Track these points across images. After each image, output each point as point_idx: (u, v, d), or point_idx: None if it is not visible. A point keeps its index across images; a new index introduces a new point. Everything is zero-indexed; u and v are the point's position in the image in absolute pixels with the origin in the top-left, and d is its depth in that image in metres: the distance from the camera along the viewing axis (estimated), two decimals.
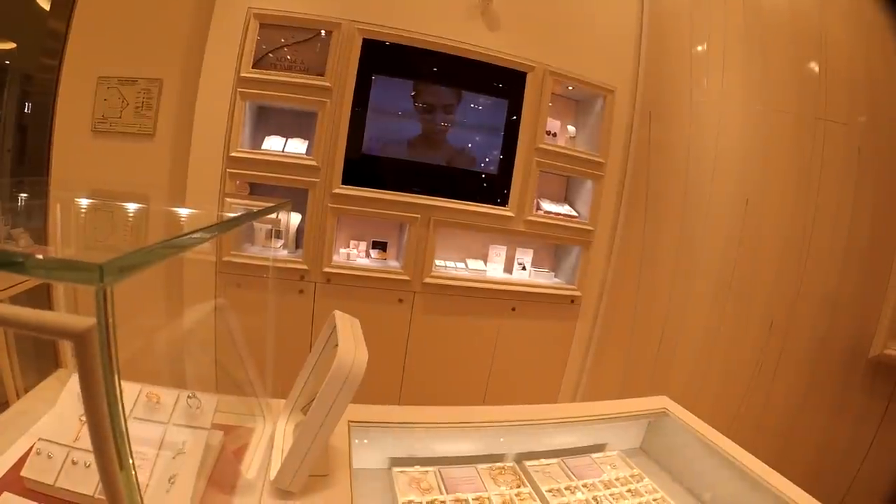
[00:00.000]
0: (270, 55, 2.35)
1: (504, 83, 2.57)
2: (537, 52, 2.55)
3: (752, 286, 2.89)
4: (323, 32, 2.31)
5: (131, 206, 1.26)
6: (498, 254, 2.66)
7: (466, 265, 2.67)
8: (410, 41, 2.39)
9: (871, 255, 2.87)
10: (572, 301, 2.75)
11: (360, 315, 2.31)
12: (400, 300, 2.50)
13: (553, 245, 2.93)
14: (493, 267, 2.67)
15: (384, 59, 2.40)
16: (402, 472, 1.12)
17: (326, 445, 0.97)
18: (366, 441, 1.15)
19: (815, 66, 2.81)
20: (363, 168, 2.43)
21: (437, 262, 2.61)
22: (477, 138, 2.61)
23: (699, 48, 2.82)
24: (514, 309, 2.64)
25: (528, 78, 2.54)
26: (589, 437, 1.40)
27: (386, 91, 2.45)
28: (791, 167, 2.83)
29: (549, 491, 1.14)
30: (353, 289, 2.44)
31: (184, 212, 1.38)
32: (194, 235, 0.61)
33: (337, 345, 0.97)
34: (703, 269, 2.89)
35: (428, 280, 2.49)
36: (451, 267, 2.63)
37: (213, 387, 1.11)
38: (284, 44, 2.34)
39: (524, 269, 2.72)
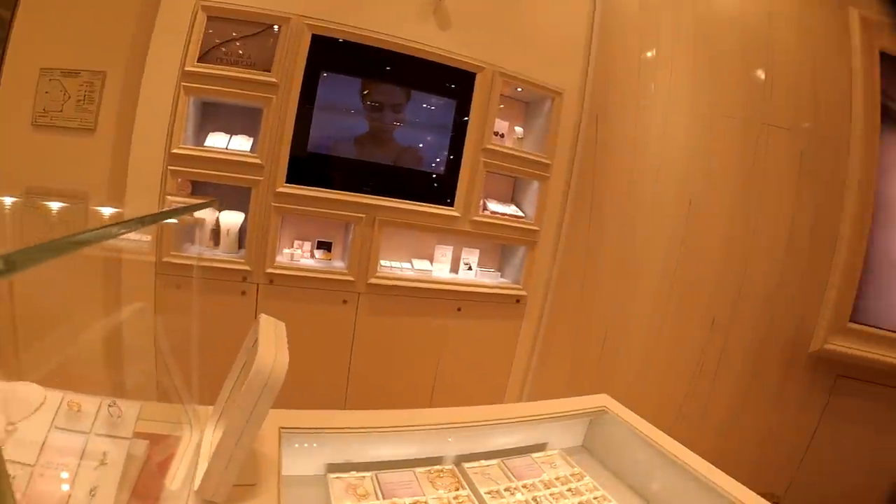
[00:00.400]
0: (218, 49, 2.40)
1: (453, 83, 2.71)
2: (487, 53, 2.70)
3: (695, 285, 3.13)
4: (277, 28, 2.38)
5: (63, 205, 1.31)
6: (444, 254, 2.80)
7: (412, 265, 2.80)
8: (360, 38, 2.49)
9: (811, 254, 3.14)
10: (518, 301, 2.93)
11: (304, 317, 2.50)
12: (344, 301, 2.61)
13: (499, 245, 3.09)
14: (439, 267, 2.81)
15: (333, 55, 2.49)
16: (337, 478, 1.15)
17: (250, 453, 0.99)
18: (301, 447, 1.18)
19: (761, 73, 3.07)
20: (308, 166, 2.51)
21: (383, 262, 2.73)
22: (425, 138, 2.75)
23: (648, 53, 3.04)
24: (459, 309, 2.79)
25: (478, 78, 2.69)
26: (530, 437, 1.49)
27: (334, 88, 2.55)
28: (735, 170, 3.08)
29: (489, 493, 1.20)
30: (297, 290, 2.52)
31: (108, 211, 1.49)
32: (85, 235, 0.62)
33: None
34: (646, 268, 3.12)
35: (373, 280, 2.60)
36: (397, 267, 2.75)
37: (138, 394, 1.11)
38: (232, 38, 2.40)
39: (470, 269, 2.87)
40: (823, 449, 3.33)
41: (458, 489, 1.19)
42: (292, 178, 2.46)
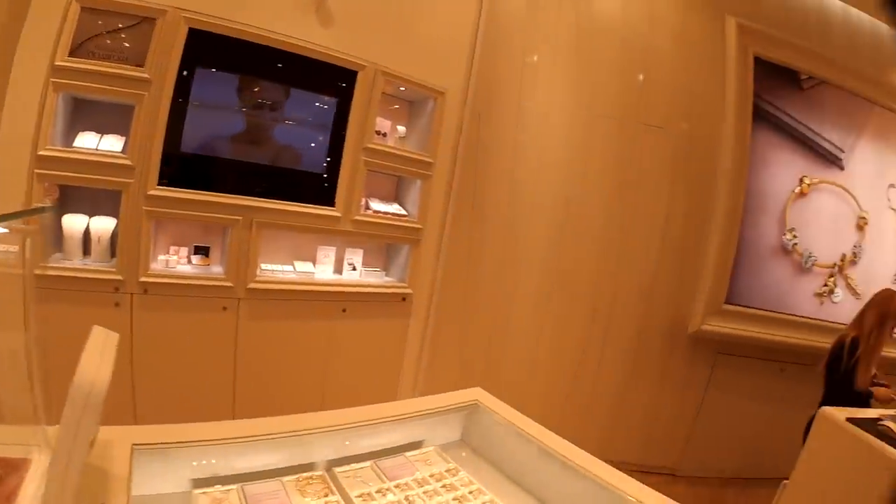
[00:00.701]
0: (90, 42, 2.30)
1: (334, 81, 2.75)
2: (370, 51, 2.76)
3: (575, 278, 3.39)
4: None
5: None
6: (327, 255, 2.86)
7: (294, 268, 2.84)
8: (239, 34, 2.45)
9: (686, 243, 3.49)
10: (403, 299, 3.06)
11: (183, 327, 2.51)
12: (224, 308, 2.60)
13: (384, 244, 3.21)
14: (322, 268, 2.87)
15: (210, 51, 2.44)
16: (202, 493, 1.13)
17: (80, 475, 0.93)
18: (161, 464, 1.15)
19: (640, 76, 3.34)
20: (182, 167, 2.46)
21: (263, 265, 2.76)
22: (304, 137, 2.79)
23: (531, 56, 3.22)
24: (344, 310, 2.87)
25: (359, 77, 2.74)
26: (405, 436, 1.51)
27: (210, 85, 2.51)
28: (612, 167, 3.35)
29: (360, 496, 1.20)
30: (174, 298, 2.48)
31: None
32: None
33: None
34: (528, 263, 3.35)
35: (252, 285, 2.62)
36: (278, 270, 2.79)
37: None
38: (106, 31, 2.31)
39: (354, 269, 2.96)
40: (710, 420, 3.75)
41: (327, 495, 1.19)
42: (165, 180, 2.40)
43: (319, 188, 2.79)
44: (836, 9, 3.87)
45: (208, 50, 2.45)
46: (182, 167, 2.49)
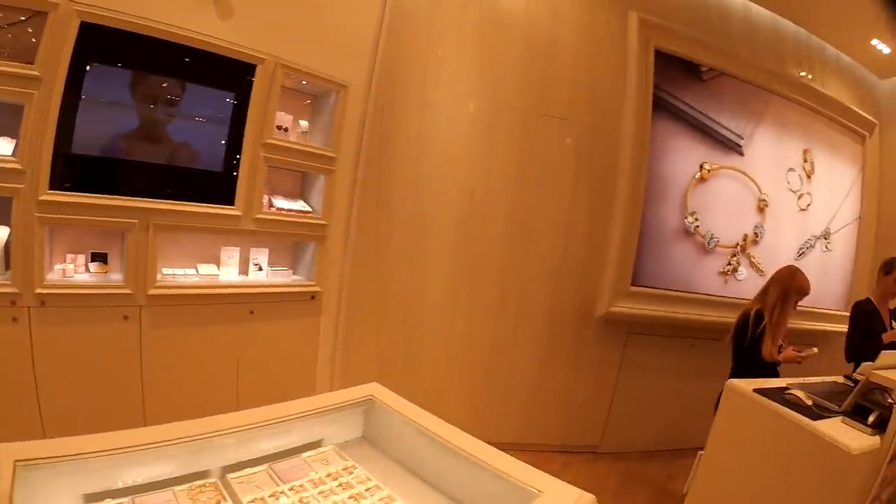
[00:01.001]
0: None
1: (233, 75, 2.77)
2: (270, 44, 2.81)
3: (484, 268, 3.61)
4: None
5: None
6: (231, 256, 2.91)
7: (197, 271, 2.87)
8: (134, 27, 2.44)
9: (590, 231, 3.76)
10: (313, 297, 3.16)
11: (84, 339, 2.48)
12: (125, 317, 2.59)
13: (291, 242, 3.30)
14: (226, 270, 2.92)
15: (103, 45, 2.42)
16: None
17: None
18: (50, 480, 1.15)
19: (543, 68, 3.56)
20: (74, 170, 2.44)
21: (165, 270, 2.76)
22: (202, 133, 2.80)
23: (436, 48, 3.38)
24: (252, 312, 2.94)
25: (258, 70, 2.79)
26: (302, 437, 1.53)
27: (103, 82, 2.48)
28: (516, 158, 3.57)
29: (252, 501, 1.22)
30: (73, 310, 2.45)
31: None
32: None
33: None
34: (436, 255, 3.53)
35: (153, 291, 2.62)
36: (181, 274, 2.80)
37: None
38: None
39: (261, 269, 3.03)
40: (626, 397, 4.08)
41: (219, 502, 1.20)
42: (57, 183, 2.37)
43: (219, 187, 2.82)
44: (737, 5, 4.22)
45: (101, 45, 2.43)
46: (75, 169, 2.47)
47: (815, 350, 3.03)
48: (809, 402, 2.25)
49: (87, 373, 2.55)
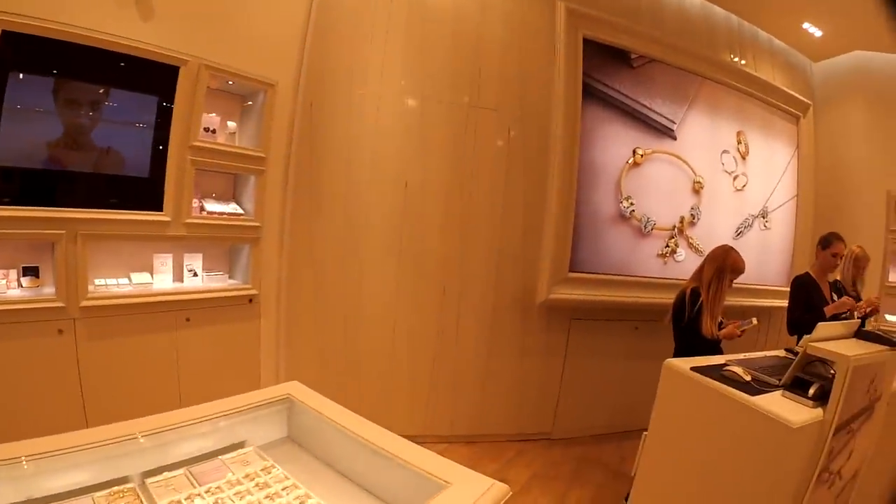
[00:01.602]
0: None
1: (156, 78, 2.81)
2: (193, 45, 2.86)
3: (422, 261, 3.72)
4: None
5: None
6: (164, 263, 2.96)
7: (130, 280, 2.91)
8: (54, 33, 2.47)
9: (526, 219, 3.91)
10: (251, 300, 3.25)
11: (18, 355, 2.50)
12: (60, 331, 2.62)
13: (226, 246, 3.36)
14: (160, 278, 2.97)
15: (24, 53, 2.44)
16: None
17: None
18: None
19: (471, 60, 3.70)
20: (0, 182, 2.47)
21: (97, 281, 2.81)
22: (127, 139, 2.83)
23: (364, 44, 3.48)
24: (188, 319, 3.00)
25: (181, 72, 2.84)
26: (224, 438, 1.57)
27: (25, 90, 2.51)
28: (448, 150, 3.70)
29: None
30: (5, 326, 2.47)
31: None
32: None
33: None
34: (373, 251, 3.63)
35: (86, 303, 2.66)
36: (113, 284, 2.84)
37: None
38: None
39: (195, 275, 3.08)
40: (574, 382, 4.24)
41: None
42: None
43: (147, 192, 2.88)
44: None
45: (22, 53, 2.47)
46: (0, 182, 2.51)
47: (755, 321, 3.12)
48: (748, 378, 2.23)
49: (24, 388, 2.58)
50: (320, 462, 1.62)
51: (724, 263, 3.16)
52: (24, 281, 2.68)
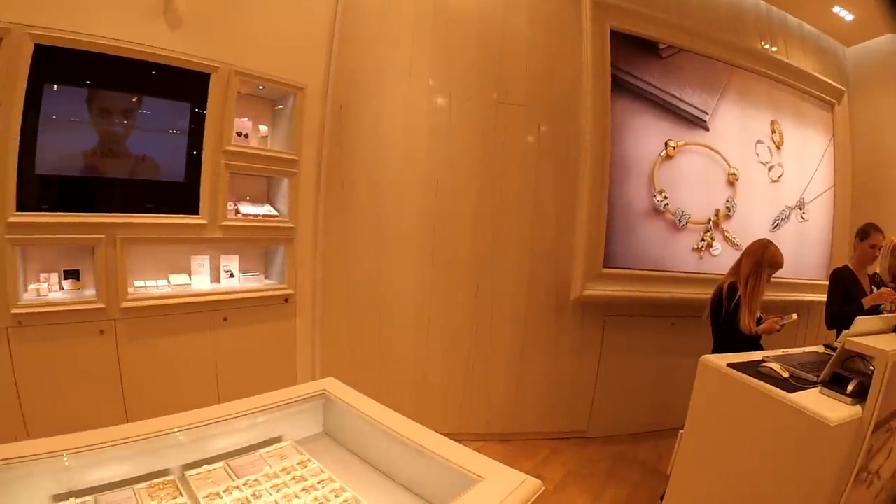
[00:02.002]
0: None
1: (188, 85, 2.91)
2: (222, 52, 2.95)
3: (455, 259, 3.75)
4: None
5: None
6: (201, 264, 3.05)
7: (169, 281, 3.00)
8: (87, 45, 2.58)
9: (558, 215, 3.91)
10: (286, 300, 3.31)
11: (62, 355, 2.64)
12: (101, 331, 2.74)
13: (262, 247, 3.43)
14: (198, 279, 3.05)
15: (58, 65, 2.56)
16: None
17: None
18: (19, 482, 1.24)
19: (499, 58, 3.72)
20: (40, 190, 2.59)
21: (137, 283, 2.91)
22: (161, 145, 2.93)
23: (391, 44, 3.53)
24: (226, 319, 3.08)
25: (212, 79, 2.93)
26: (262, 433, 1.63)
27: (61, 101, 2.61)
28: (477, 147, 3.72)
29: (207, 496, 1.31)
30: (49, 328, 2.59)
31: None
32: None
33: None
34: (406, 249, 3.67)
35: (125, 304, 2.77)
36: (152, 286, 2.94)
37: None
38: None
39: (232, 275, 3.16)
40: (610, 380, 4.20)
41: (175, 498, 1.30)
42: (24, 204, 2.52)
43: (183, 197, 2.96)
44: None
45: (56, 65, 2.57)
46: (40, 189, 2.62)
47: (795, 316, 3.08)
48: (786, 374, 2.23)
49: (68, 387, 2.68)
50: (355, 456, 1.66)
51: (762, 258, 3.13)
52: (66, 284, 2.80)
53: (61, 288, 2.80)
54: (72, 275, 2.84)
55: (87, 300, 2.74)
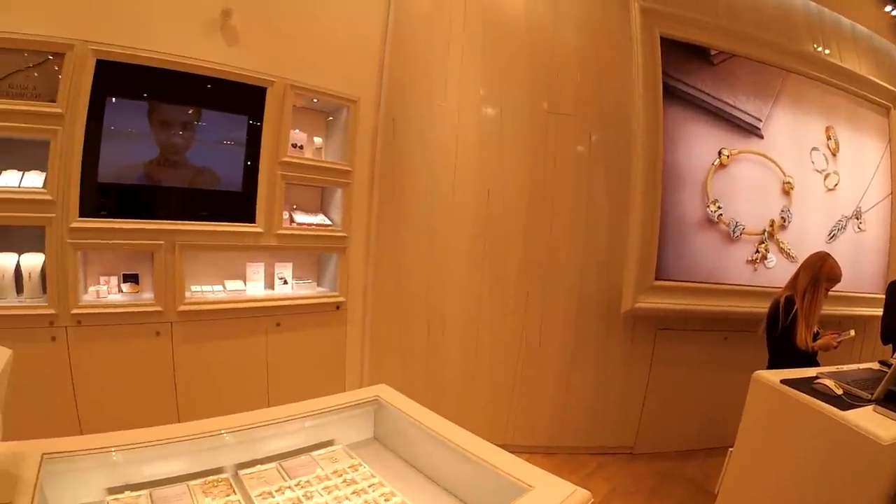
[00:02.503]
0: (2, 82, 2.47)
1: (245, 98, 3.01)
2: (278, 66, 3.04)
3: (505, 268, 3.75)
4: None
5: None
6: (256, 271, 3.13)
7: (224, 287, 3.10)
8: (146, 61, 2.71)
9: (610, 226, 3.87)
10: (338, 307, 3.36)
11: (119, 354, 2.77)
12: (158, 333, 2.85)
13: (316, 255, 3.50)
14: (253, 285, 3.14)
15: (119, 80, 2.69)
16: (114, 500, 1.28)
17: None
18: (75, 475, 1.29)
19: (549, 68, 3.73)
20: (101, 197, 2.72)
21: (194, 287, 3.01)
22: (220, 156, 3.04)
23: (441, 55, 3.58)
24: (278, 324, 3.15)
25: (269, 92, 3.02)
26: (314, 436, 1.68)
27: (122, 114, 2.76)
28: (529, 158, 3.73)
29: (260, 495, 1.35)
30: (107, 328, 2.72)
31: None
32: None
33: None
34: (456, 259, 3.69)
35: (183, 308, 2.87)
36: (209, 291, 3.04)
37: None
38: (17, 69, 2.51)
39: (286, 283, 3.23)
40: (659, 395, 4.12)
41: (229, 495, 1.34)
42: (86, 211, 2.65)
43: (239, 206, 3.05)
44: None
45: (117, 79, 2.70)
46: (102, 197, 2.75)
47: (853, 333, 3.01)
48: (839, 392, 2.21)
49: (123, 387, 2.79)
50: (405, 462, 1.69)
51: (819, 271, 3.09)
52: (125, 287, 2.94)
53: (120, 291, 2.92)
54: (131, 278, 2.96)
55: (145, 303, 2.85)
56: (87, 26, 2.59)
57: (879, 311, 3.89)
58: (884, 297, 3.58)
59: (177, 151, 2.97)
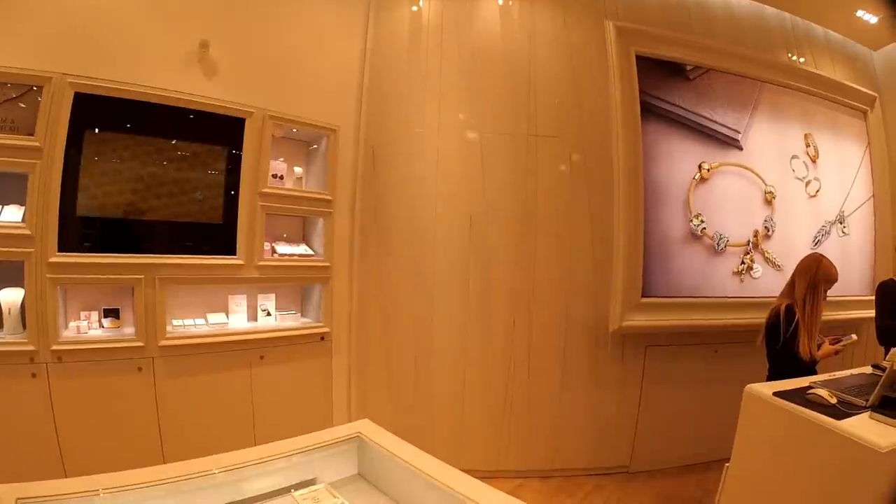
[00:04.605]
0: None
1: (224, 130, 3.08)
2: (256, 97, 3.11)
3: (491, 293, 3.78)
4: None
5: None
6: (238, 304, 3.15)
7: (206, 320, 3.11)
8: (125, 93, 2.78)
9: (594, 245, 3.91)
10: (322, 338, 3.39)
11: (100, 391, 2.78)
12: (140, 368, 2.86)
13: (299, 286, 3.53)
14: (235, 318, 3.16)
15: (98, 112, 2.74)
16: None
17: None
18: None
19: (525, 89, 3.82)
20: (80, 231, 2.76)
21: (175, 321, 3.02)
22: (199, 188, 3.07)
23: (419, 83, 3.66)
24: (262, 357, 3.17)
25: (248, 123, 3.09)
26: (295, 475, 1.67)
27: (100, 146, 2.81)
28: (511, 182, 3.79)
29: None
30: (88, 364, 2.72)
31: None
32: None
33: None
34: (441, 286, 3.72)
35: (164, 343, 2.88)
36: (191, 325, 3.04)
37: None
38: None
39: (269, 314, 3.26)
40: (653, 412, 4.13)
41: None
42: (65, 245, 2.68)
43: (219, 238, 3.09)
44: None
45: (96, 112, 2.76)
46: (80, 231, 2.78)
47: (854, 337, 3.03)
48: (834, 401, 2.19)
49: (105, 423, 2.80)
50: (390, 499, 1.68)
51: (816, 275, 3.04)
52: (106, 322, 2.95)
53: (101, 326, 2.94)
54: (111, 313, 2.98)
55: (126, 338, 2.87)
56: (64, 59, 2.65)
57: (870, 313, 3.96)
58: (873, 298, 3.62)
59: (156, 184, 3.01)
